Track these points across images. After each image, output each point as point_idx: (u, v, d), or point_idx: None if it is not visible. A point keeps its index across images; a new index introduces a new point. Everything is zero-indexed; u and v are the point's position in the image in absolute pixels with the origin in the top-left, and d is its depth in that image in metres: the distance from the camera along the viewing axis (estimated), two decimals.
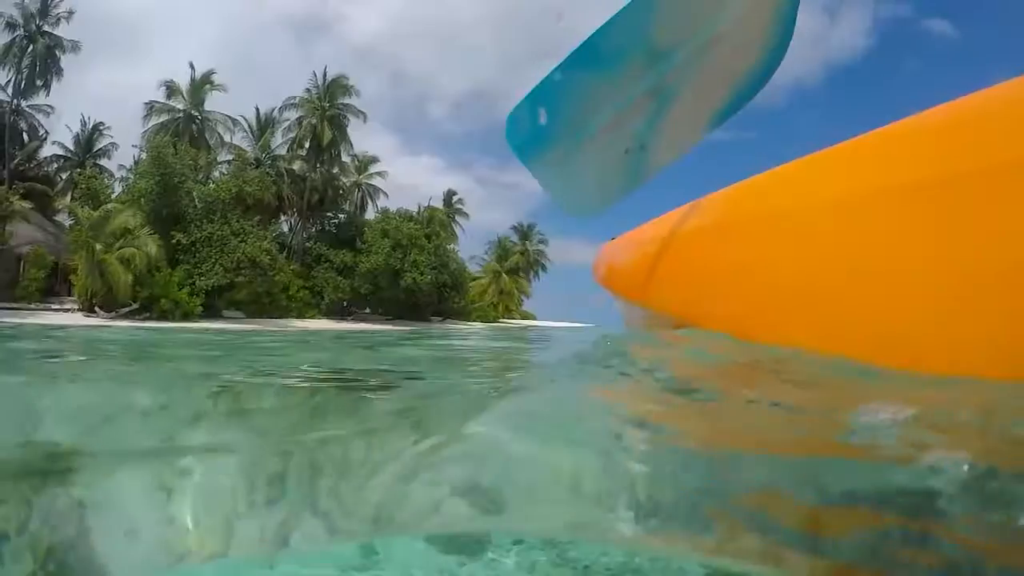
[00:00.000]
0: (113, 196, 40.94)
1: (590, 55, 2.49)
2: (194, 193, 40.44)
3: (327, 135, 49.87)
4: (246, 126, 50.75)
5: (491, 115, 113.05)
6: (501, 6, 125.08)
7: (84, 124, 49.12)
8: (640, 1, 2.35)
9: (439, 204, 59.50)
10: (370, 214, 55.04)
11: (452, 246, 56.37)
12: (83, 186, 40.21)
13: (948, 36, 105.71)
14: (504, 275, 62.01)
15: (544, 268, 64.59)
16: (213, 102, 49.28)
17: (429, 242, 50.08)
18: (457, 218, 60.10)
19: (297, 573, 4.52)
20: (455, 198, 60.81)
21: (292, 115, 51.48)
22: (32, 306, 34.95)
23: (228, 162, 47.80)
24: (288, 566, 4.66)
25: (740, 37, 2.46)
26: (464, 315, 56.11)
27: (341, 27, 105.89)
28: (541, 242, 64.20)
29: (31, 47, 44.60)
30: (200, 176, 43.38)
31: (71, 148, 48.70)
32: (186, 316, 36.25)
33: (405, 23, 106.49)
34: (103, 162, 48.87)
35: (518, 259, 62.10)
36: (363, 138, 57.40)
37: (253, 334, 21.69)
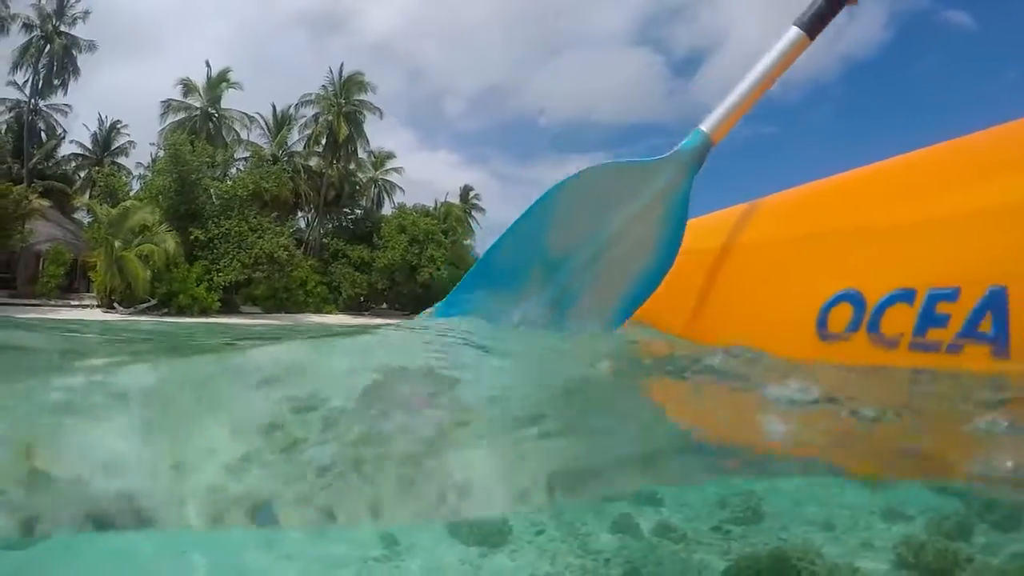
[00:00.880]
0: (131, 193, 41.14)
1: (489, 270, 2.57)
2: (211, 190, 40.63)
3: (343, 131, 49.91)
4: (263, 123, 50.90)
5: (507, 111, 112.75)
6: (515, 3, 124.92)
7: (102, 123, 49.48)
8: (532, 213, 2.38)
9: (455, 199, 59.50)
10: (386, 210, 55.13)
11: (469, 241, 56.35)
12: (101, 184, 40.47)
13: (967, 29, 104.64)
14: None
15: None
16: (229, 100, 49.56)
17: (446, 237, 50.08)
18: (474, 213, 60.01)
19: (323, 557, 4.47)
20: (472, 193, 60.73)
21: (308, 112, 51.68)
22: (52, 302, 35.19)
23: (245, 159, 47.95)
24: (312, 552, 4.61)
25: (633, 238, 2.47)
26: None
27: (357, 24, 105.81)
28: None
29: (48, 47, 44.86)
30: (217, 173, 43.56)
31: (89, 147, 49.04)
32: (204, 311, 36.46)
33: (420, 20, 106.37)
34: (121, 160, 49.26)
35: None
36: (379, 134, 57.62)
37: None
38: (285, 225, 45.27)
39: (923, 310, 1.21)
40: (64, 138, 48.09)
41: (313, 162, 51.09)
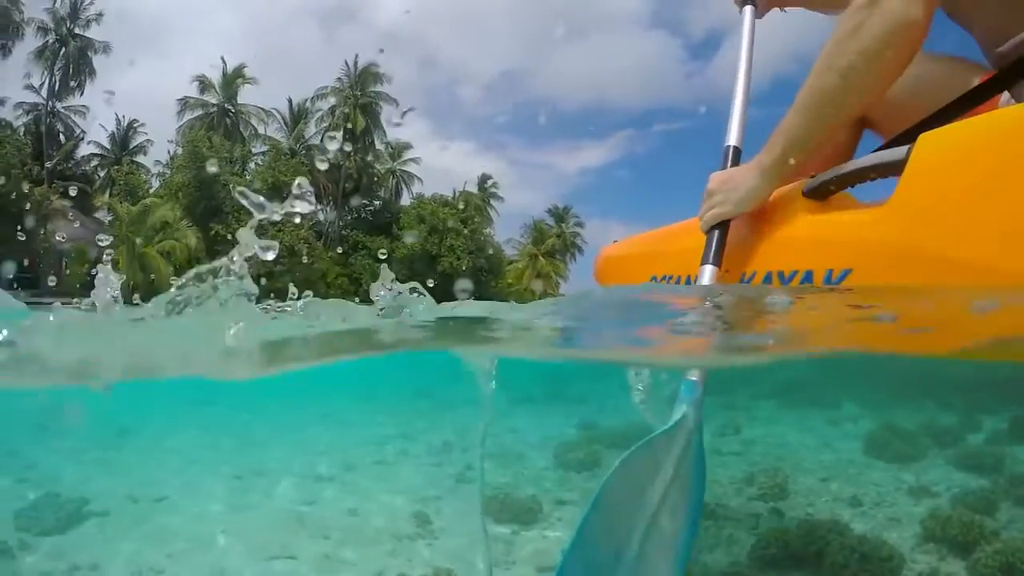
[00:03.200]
0: (151, 191, 41.50)
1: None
2: (230, 186, 40.92)
3: (360, 123, 50.08)
4: (279, 117, 51.17)
5: (523, 96, 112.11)
6: None
7: (119, 122, 49.78)
8: (583, 528, 2.25)
9: (473, 188, 59.47)
10: (405, 200, 55.27)
11: (488, 230, 56.40)
12: (121, 183, 40.81)
13: None
14: (540, 258, 61.80)
15: (580, 250, 64.16)
16: (246, 95, 49.79)
17: (465, 226, 50.17)
18: (492, 201, 59.96)
19: (355, 537, 4.55)
20: (489, 181, 60.65)
21: (325, 105, 51.88)
22: (75, 301, 35.43)
23: (263, 153, 48.24)
24: (345, 533, 4.69)
25: (668, 506, 2.41)
26: (502, 299, 55.96)
27: (368, 14, 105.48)
28: (577, 224, 63.79)
29: (63, 50, 45.22)
30: (236, 168, 43.88)
31: (107, 146, 49.35)
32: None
33: (432, 7, 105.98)
34: (139, 158, 49.49)
35: (554, 242, 61.75)
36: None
37: None
38: (304, 218, 45.53)
39: (666, 279, 2.37)
40: (83, 139, 48.50)
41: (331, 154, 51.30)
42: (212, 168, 39.14)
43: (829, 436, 7.82)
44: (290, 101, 51.94)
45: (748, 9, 2.61)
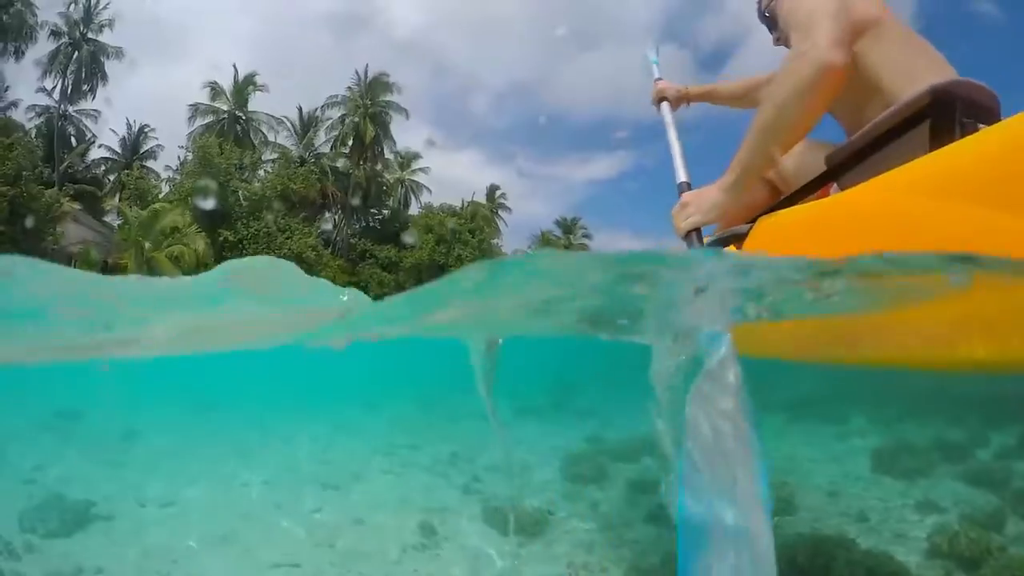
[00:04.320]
0: (160, 196, 41.62)
1: None
2: (239, 192, 41.05)
3: (370, 132, 50.18)
4: (289, 125, 51.31)
5: (533, 107, 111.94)
6: None
7: (130, 127, 49.98)
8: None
9: (482, 199, 59.43)
10: (414, 210, 55.29)
11: (495, 241, 56.35)
12: (131, 187, 40.95)
13: (996, 19, 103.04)
14: None
15: None
16: (256, 102, 49.95)
17: (473, 237, 50.18)
18: (500, 212, 59.88)
19: (360, 547, 4.55)
20: (498, 193, 60.58)
21: (335, 113, 52.02)
22: None
23: (272, 161, 48.36)
24: (351, 539, 4.69)
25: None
26: None
27: (381, 20, 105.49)
28: (585, 236, 63.54)
29: (76, 54, 45.48)
30: (245, 175, 44.02)
31: (118, 150, 49.53)
32: None
33: (445, 17, 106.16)
34: (149, 163, 49.67)
35: None
36: (405, 133, 57.63)
37: None
38: (313, 226, 45.67)
39: None
40: (94, 143, 48.70)
41: (340, 163, 51.33)
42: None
43: (837, 450, 7.79)
44: (300, 109, 52.18)
45: (665, 104, 3.49)
